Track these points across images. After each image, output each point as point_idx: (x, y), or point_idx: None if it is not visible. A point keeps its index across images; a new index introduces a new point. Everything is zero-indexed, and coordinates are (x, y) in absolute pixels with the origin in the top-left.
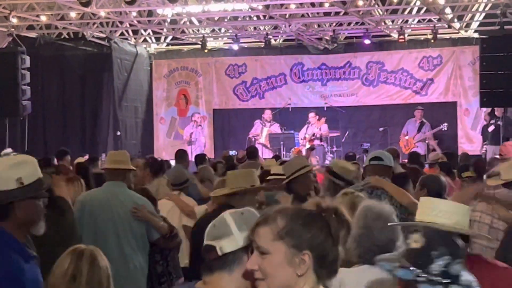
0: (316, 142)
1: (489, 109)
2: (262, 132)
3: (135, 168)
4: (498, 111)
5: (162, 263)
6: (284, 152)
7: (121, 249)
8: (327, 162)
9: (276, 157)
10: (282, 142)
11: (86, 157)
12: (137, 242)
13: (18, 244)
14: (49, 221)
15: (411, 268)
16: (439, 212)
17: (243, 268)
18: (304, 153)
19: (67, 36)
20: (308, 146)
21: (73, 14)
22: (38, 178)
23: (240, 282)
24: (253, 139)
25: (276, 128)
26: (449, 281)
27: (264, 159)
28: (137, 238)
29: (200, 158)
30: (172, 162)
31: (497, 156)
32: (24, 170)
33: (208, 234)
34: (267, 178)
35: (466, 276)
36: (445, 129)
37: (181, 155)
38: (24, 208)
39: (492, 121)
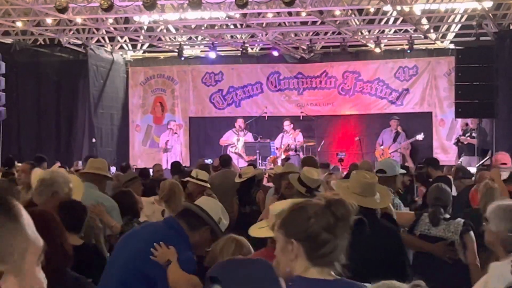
0: (291, 153)
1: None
2: (238, 142)
3: (111, 176)
4: (473, 123)
5: None
6: (260, 161)
7: None
8: None
9: (252, 165)
10: (258, 151)
11: (58, 164)
12: None
13: (190, 246)
14: None
15: None
16: None
17: None
18: (280, 162)
19: (43, 43)
20: (283, 156)
21: (49, 21)
22: (225, 229)
23: None
24: (229, 148)
25: (249, 138)
26: None
27: (241, 167)
28: None
29: (176, 166)
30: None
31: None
32: (226, 218)
33: None
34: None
35: None
36: (421, 138)
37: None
38: (205, 236)
39: (468, 134)
